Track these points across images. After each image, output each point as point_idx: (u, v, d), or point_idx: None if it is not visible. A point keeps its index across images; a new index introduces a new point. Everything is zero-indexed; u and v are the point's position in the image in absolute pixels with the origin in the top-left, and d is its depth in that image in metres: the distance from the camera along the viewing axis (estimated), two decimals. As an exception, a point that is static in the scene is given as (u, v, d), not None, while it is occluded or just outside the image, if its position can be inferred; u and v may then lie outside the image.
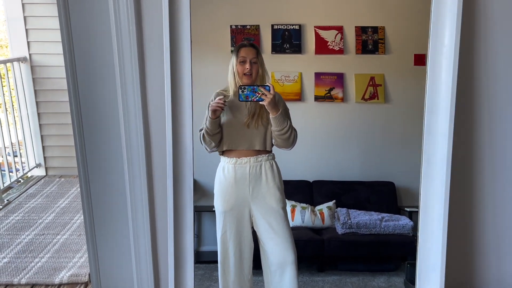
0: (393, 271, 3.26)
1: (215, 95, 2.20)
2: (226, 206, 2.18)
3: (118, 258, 1.59)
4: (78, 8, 1.39)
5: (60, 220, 2.85)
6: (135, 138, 1.45)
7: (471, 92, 1.48)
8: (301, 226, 3.37)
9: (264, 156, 2.18)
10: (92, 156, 1.51)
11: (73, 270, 2.20)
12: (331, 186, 3.61)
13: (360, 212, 3.42)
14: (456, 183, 1.46)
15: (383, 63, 3.62)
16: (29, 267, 2.26)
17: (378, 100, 3.62)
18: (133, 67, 1.39)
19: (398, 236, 3.24)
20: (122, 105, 1.42)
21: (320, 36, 3.61)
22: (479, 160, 1.53)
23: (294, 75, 3.62)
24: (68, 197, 3.23)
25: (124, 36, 1.37)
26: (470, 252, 1.58)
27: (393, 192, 3.59)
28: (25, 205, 3.09)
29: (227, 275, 2.24)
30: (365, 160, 3.66)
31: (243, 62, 2.13)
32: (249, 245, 2.25)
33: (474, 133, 1.51)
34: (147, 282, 1.56)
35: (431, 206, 1.44)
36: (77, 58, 1.42)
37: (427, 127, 1.43)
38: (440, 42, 1.37)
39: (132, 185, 1.48)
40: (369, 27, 3.61)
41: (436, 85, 1.42)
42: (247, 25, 3.58)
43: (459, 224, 1.53)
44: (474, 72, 1.46)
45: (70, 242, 2.55)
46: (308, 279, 3.17)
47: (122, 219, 1.55)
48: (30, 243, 2.53)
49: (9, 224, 2.78)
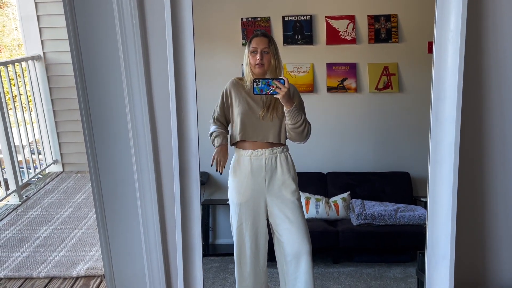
0: (409, 262, 3.23)
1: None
2: (242, 198, 2.19)
3: (130, 250, 1.62)
4: (82, 5, 1.41)
5: (77, 214, 2.91)
6: (141, 131, 1.47)
7: (479, 77, 1.44)
8: (316, 218, 3.36)
9: (279, 148, 2.18)
10: (101, 151, 1.54)
11: (90, 263, 2.25)
12: (345, 177, 3.58)
13: (375, 203, 3.38)
14: (465, 170, 1.43)
15: (397, 51, 3.56)
16: (48, 260, 2.31)
17: (392, 89, 3.57)
18: (137, 61, 1.40)
19: (413, 226, 3.20)
20: (128, 100, 1.44)
21: (331, 26, 3.57)
22: (488, 145, 1.49)
23: (306, 66, 3.59)
24: (84, 192, 3.30)
25: (128, 32, 1.39)
26: (480, 240, 1.55)
27: (408, 182, 3.55)
28: (43, 200, 3.16)
29: (243, 266, 2.25)
30: (380, 151, 3.62)
31: (254, 52, 2.11)
32: (265, 236, 2.25)
33: (483, 119, 1.48)
34: (158, 273, 1.58)
35: (439, 193, 1.41)
36: (84, 55, 1.45)
37: (434, 114, 1.40)
38: (446, 27, 1.34)
39: (141, 179, 1.51)
40: (381, 16, 3.55)
41: (442, 71, 1.40)
42: (258, 17, 3.56)
43: (468, 211, 1.50)
44: (482, 56, 1.42)
45: (86, 236, 2.60)
46: (323, 271, 3.17)
47: (132, 213, 1.58)
48: (48, 237, 2.59)
49: (28, 219, 2.85)
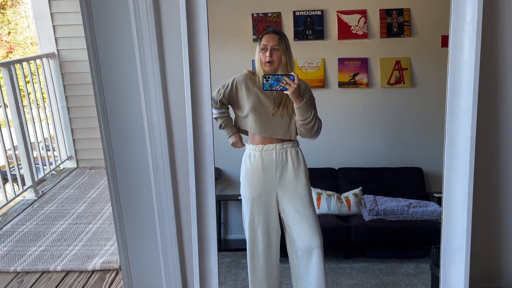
0: (422, 258, 3.21)
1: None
2: (254, 193, 2.21)
3: (146, 245, 1.64)
4: (99, 3, 1.43)
5: (91, 210, 2.95)
6: (157, 128, 1.48)
7: (495, 71, 1.42)
8: (327, 213, 3.36)
9: (290, 144, 2.20)
10: (117, 147, 1.56)
11: (105, 257, 2.28)
12: (357, 173, 3.57)
13: (387, 198, 3.37)
14: (480, 164, 1.42)
15: (409, 46, 3.52)
16: (64, 254, 2.35)
17: (404, 84, 3.54)
18: (153, 58, 1.42)
19: (426, 222, 3.18)
20: (144, 96, 1.46)
21: (343, 20, 3.55)
22: (504, 140, 1.48)
23: (317, 61, 3.57)
24: (98, 187, 3.34)
25: (144, 28, 1.40)
26: (496, 234, 1.54)
27: (421, 177, 3.52)
28: (58, 196, 3.21)
29: (256, 261, 2.27)
30: (392, 146, 3.60)
31: (264, 49, 2.13)
32: (277, 230, 2.27)
33: (498, 113, 1.46)
34: (174, 267, 1.60)
35: (454, 188, 1.41)
36: (100, 52, 1.47)
37: (450, 108, 1.39)
38: (461, 19, 1.33)
39: (156, 174, 1.52)
40: (394, 10, 3.52)
41: (458, 65, 1.38)
42: (269, 12, 3.55)
43: (484, 205, 1.49)
44: (498, 50, 1.41)
45: (101, 230, 2.64)
46: (335, 266, 3.17)
47: (148, 208, 1.60)
48: (64, 232, 2.63)
49: (44, 214, 2.90)
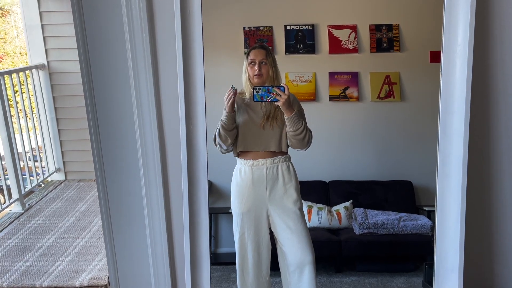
0: (412, 272, 3.22)
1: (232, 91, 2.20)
2: (244, 208, 2.20)
3: (136, 260, 1.61)
4: (92, 16, 1.42)
5: (79, 223, 2.90)
6: (150, 141, 1.47)
7: (486, 91, 1.45)
8: (318, 227, 3.36)
9: (281, 158, 2.19)
10: (108, 160, 1.54)
11: (93, 273, 2.24)
12: (347, 186, 3.58)
13: (377, 212, 3.38)
14: (473, 183, 1.43)
15: (399, 61, 3.58)
16: (50, 270, 2.30)
17: (394, 98, 3.58)
18: (147, 72, 1.41)
19: (416, 236, 3.20)
20: (137, 109, 1.45)
21: (333, 35, 3.59)
22: (497, 159, 1.50)
23: (308, 75, 3.60)
24: (87, 200, 3.29)
25: (138, 43, 1.39)
26: (489, 252, 1.55)
27: (411, 191, 3.55)
28: (45, 209, 3.15)
29: (245, 276, 2.25)
30: (382, 160, 3.63)
31: (252, 63, 2.16)
32: (267, 246, 2.25)
33: (490, 133, 1.48)
34: (165, 284, 1.58)
35: (447, 207, 1.41)
36: (92, 65, 1.45)
37: (442, 128, 1.40)
38: (453, 40, 1.35)
39: (148, 188, 1.51)
40: (383, 25, 3.58)
41: (450, 85, 1.40)
42: (260, 26, 3.58)
43: (477, 224, 1.50)
44: (490, 70, 1.43)
45: (89, 245, 2.59)
46: (326, 280, 3.16)
47: (139, 223, 1.57)
48: (51, 246, 2.58)
49: (30, 228, 2.84)
